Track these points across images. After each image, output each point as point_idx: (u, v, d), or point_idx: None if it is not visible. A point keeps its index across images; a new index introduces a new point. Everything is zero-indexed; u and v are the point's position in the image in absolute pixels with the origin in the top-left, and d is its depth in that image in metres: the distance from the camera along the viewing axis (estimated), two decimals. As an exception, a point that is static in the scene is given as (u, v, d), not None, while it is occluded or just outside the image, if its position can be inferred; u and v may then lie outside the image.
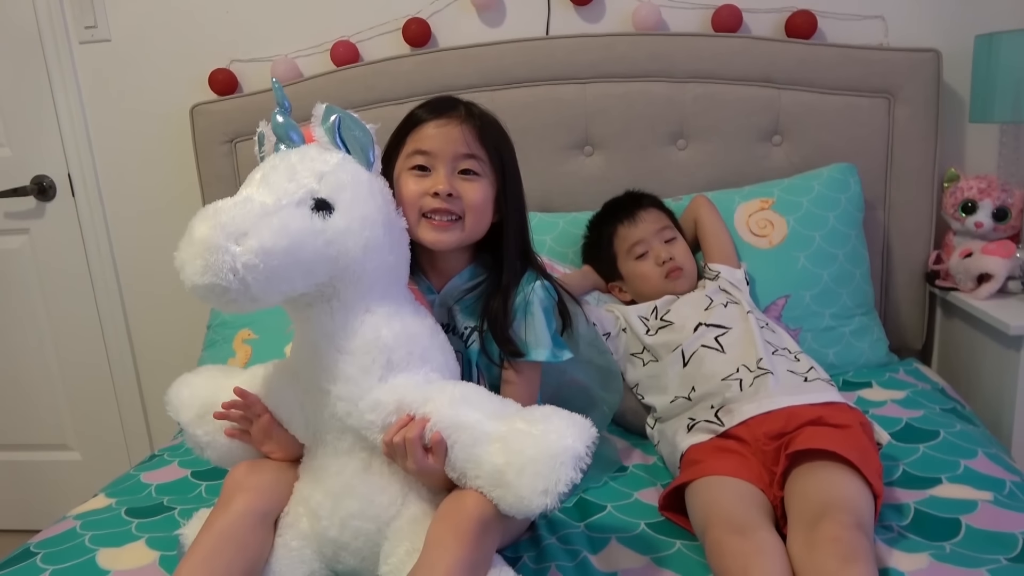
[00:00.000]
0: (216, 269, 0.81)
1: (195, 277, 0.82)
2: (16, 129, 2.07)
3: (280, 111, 0.98)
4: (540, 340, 1.12)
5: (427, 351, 0.99)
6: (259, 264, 0.82)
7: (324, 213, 0.91)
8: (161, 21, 1.95)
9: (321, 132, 0.97)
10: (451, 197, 1.08)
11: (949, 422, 1.32)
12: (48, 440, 2.27)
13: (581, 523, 1.14)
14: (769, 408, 1.18)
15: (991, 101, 1.57)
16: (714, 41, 1.74)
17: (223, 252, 0.81)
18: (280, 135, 0.98)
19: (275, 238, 0.84)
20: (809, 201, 1.63)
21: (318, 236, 0.89)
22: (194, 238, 0.83)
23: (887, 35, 1.74)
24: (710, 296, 1.41)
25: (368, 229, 0.94)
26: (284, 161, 0.94)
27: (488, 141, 1.12)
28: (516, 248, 1.15)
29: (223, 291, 0.82)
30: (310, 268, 0.89)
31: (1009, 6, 1.71)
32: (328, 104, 0.98)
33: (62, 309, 2.17)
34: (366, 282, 0.95)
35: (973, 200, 1.67)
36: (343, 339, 0.95)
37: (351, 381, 0.95)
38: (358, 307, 0.95)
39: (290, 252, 0.85)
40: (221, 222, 0.83)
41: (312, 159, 0.94)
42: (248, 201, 0.87)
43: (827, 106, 1.72)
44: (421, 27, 1.84)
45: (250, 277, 0.82)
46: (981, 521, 1.03)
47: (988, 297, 1.59)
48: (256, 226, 0.84)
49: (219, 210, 0.85)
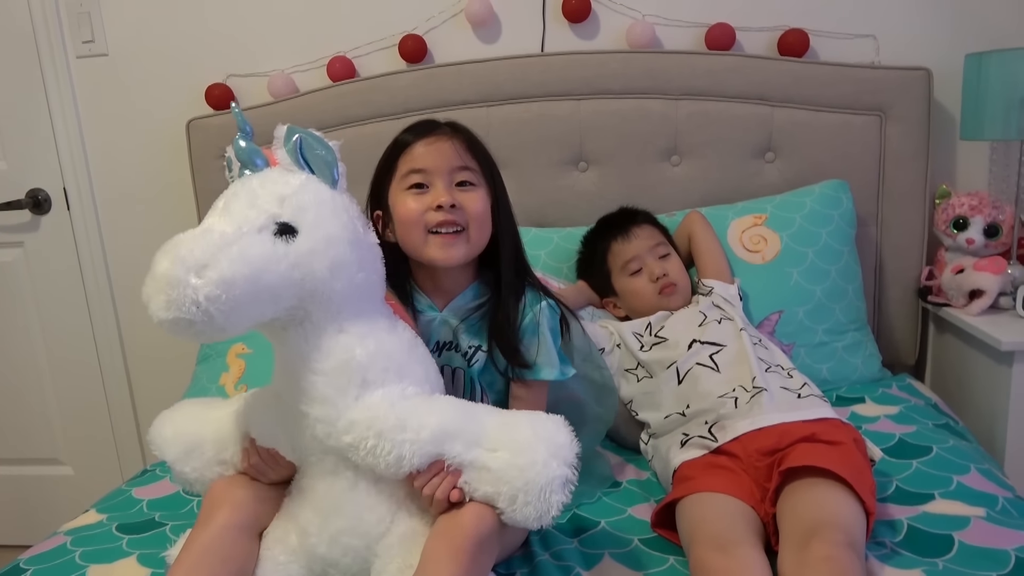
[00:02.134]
0: (179, 304, 0.80)
1: (160, 312, 0.81)
2: (12, 142, 2.07)
3: (241, 136, 0.97)
4: (550, 359, 1.14)
5: (404, 366, 0.98)
6: (221, 295, 0.81)
7: (287, 237, 0.89)
8: (158, 36, 1.97)
9: (284, 154, 0.96)
10: (454, 208, 1.09)
11: (942, 438, 1.33)
12: (40, 454, 2.26)
13: (574, 539, 1.14)
14: (762, 424, 1.18)
15: (981, 119, 1.59)
16: (708, 59, 1.75)
17: (184, 286, 0.80)
18: (243, 160, 0.96)
19: (235, 267, 0.83)
20: (802, 217, 1.64)
21: (281, 261, 0.88)
22: (156, 273, 0.82)
23: (878, 54, 1.76)
24: (704, 312, 1.41)
25: (333, 249, 0.92)
26: (245, 187, 0.92)
27: (478, 153, 1.15)
28: (511, 258, 1.16)
29: (188, 324, 0.81)
30: (276, 294, 0.88)
31: (999, 25, 1.73)
32: (289, 125, 0.97)
33: (56, 323, 2.16)
34: (336, 302, 0.94)
35: (964, 217, 1.68)
36: (317, 361, 0.94)
37: (328, 402, 0.94)
38: (330, 328, 0.94)
39: (252, 280, 0.84)
40: (180, 255, 0.82)
41: (274, 182, 0.92)
42: (208, 232, 0.86)
43: (820, 123, 1.73)
44: (417, 43, 1.86)
45: (213, 308, 0.81)
46: (974, 537, 1.03)
47: (980, 313, 1.60)
48: (215, 257, 0.82)
49: (178, 243, 0.84)
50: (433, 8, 1.86)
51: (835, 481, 1.02)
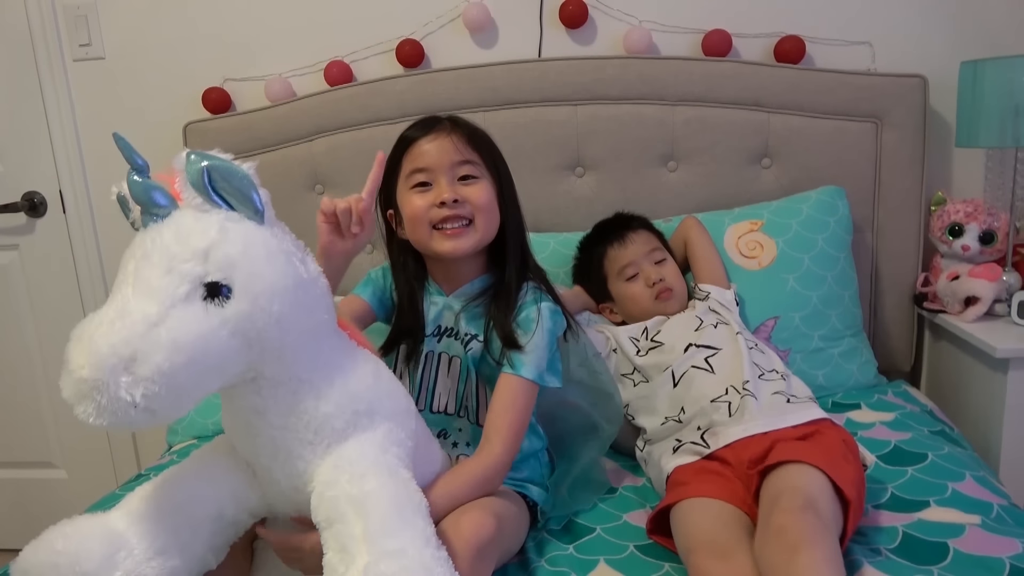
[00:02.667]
0: (111, 409, 0.70)
1: (90, 420, 0.71)
2: (8, 145, 2.06)
3: (135, 170, 0.83)
4: (533, 359, 1.13)
5: (372, 404, 0.90)
6: (159, 390, 0.71)
7: (220, 299, 0.77)
8: (155, 39, 1.96)
9: (190, 191, 0.81)
10: (457, 203, 1.12)
11: (937, 444, 1.33)
12: (34, 458, 2.25)
13: (570, 545, 1.13)
14: (754, 431, 1.18)
15: (977, 126, 1.59)
16: (704, 65, 1.76)
17: (114, 389, 0.70)
18: (143, 202, 0.81)
19: (169, 356, 0.72)
20: (798, 223, 1.64)
21: (219, 331, 0.76)
22: (74, 377, 0.71)
23: (874, 61, 1.77)
24: (700, 317, 1.42)
25: (277, 300, 0.80)
26: (156, 245, 0.78)
27: (479, 145, 1.17)
28: (516, 247, 1.19)
29: (128, 424, 0.72)
30: (220, 367, 0.77)
31: (994, 33, 1.74)
32: (189, 151, 0.82)
33: (51, 325, 2.16)
34: (288, 355, 0.83)
35: (960, 223, 1.68)
36: (277, 416, 0.85)
37: (296, 457, 0.86)
38: (287, 380, 0.85)
39: (192, 363, 0.73)
40: (101, 355, 0.70)
41: (189, 233, 0.78)
42: (125, 316, 0.73)
43: (816, 130, 1.73)
44: (414, 48, 1.86)
45: (154, 404, 0.71)
46: (969, 545, 1.03)
47: (975, 320, 1.60)
48: (143, 347, 0.71)
49: (93, 337, 0.72)
50: (430, 13, 1.86)
51: (807, 466, 1.02)
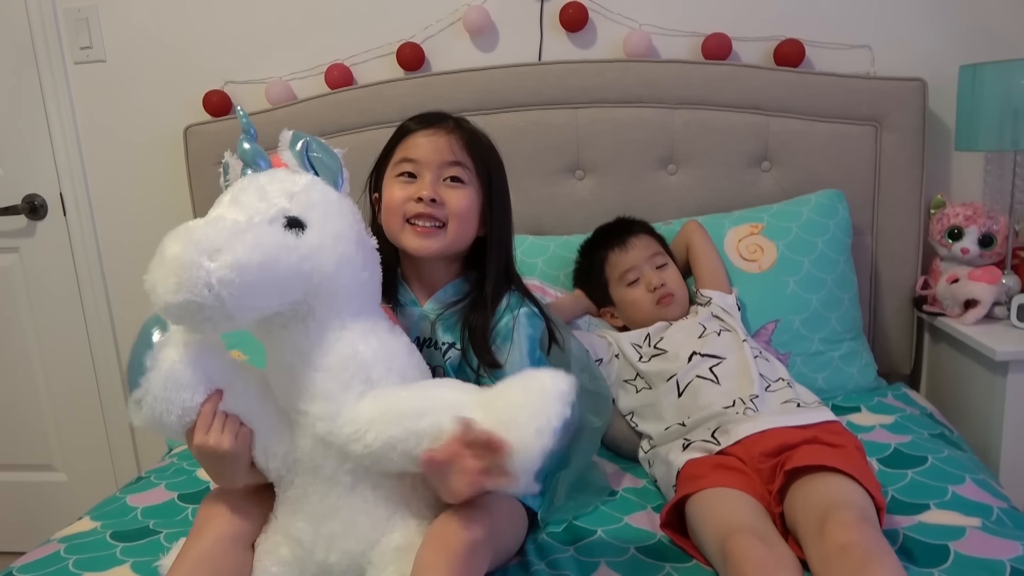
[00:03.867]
0: (191, 285, 0.79)
1: (168, 295, 0.80)
2: (9, 147, 2.07)
3: (246, 137, 0.97)
4: (515, 366, 1.11)
5: (406, 368, 0.99)
6: (235, 279, 0.81)
7: (297, 231, 0.90)
8: (156, 42, 1.97)
9: (290, 156, 0.97)
10: (435, 203, 1.10)
11: (937, 447, 1.33)
12: (34, 460, 2.25)
13: (571, 547, 1.13)
14: (765, 427, 1.18)
15: (976, 130, 1.59)
16: (704, 68, 1.76)
17: (197, 268, 0.80)
18: (247, 161, 0.97)
19: (249, 253, 0.83)
20: (798, 226, 1.65)
21: (292, 252, 0.88)
22: (166, 256, 0.81)
23: (874, 64, 1.77)
24: (703, 324, 1.41)
25: (341, 245, 0.93)
26: (253, 183, 0.93)
27: (475, 151, 1.15)
28: (499, 261, 1.16)
29: (198, 308, 0.81)
30: (285, 284, 0.88)
31: (993, 37, 1.75)
32: (295, 130, 0.98)
33: (51, 328, 2.16)
34: (341, 298, 0.94)
35: (959, 227, 1.69)
36: (319, 356, 0.93)
37: (330, 398, 0.93)
38: (333, 324, 0.94)
39: (265, 267, 0.84)
40: (194, 239, 0.81)
41: (281, 180, 0.94)
42: (220, 219, 0.87)
43: (815, 133, 1.74)
44: (415, 51, 1.86)
45: (225, 292, 0.80)
46: (970, 548, 1.03)
47: (975, 323, 1.60)
48: (230, 242, 0.82)
49: (191, 228, 0.84)
50: (431, 16, 1.87)
51: (840, 475, 1.03)
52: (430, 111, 1.20)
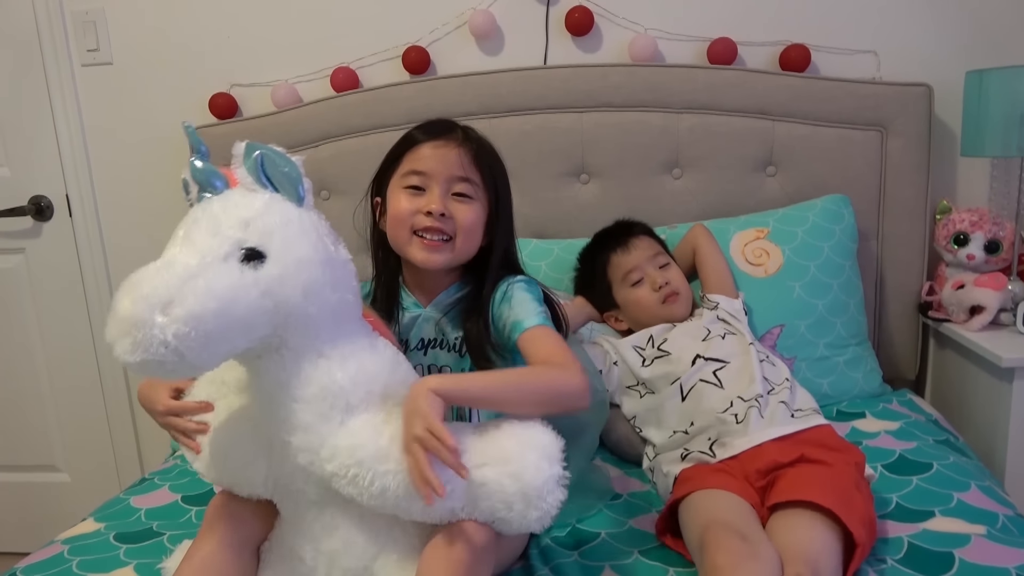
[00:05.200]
0: (146, 345, 0.76)
1: (126, 356, 0.77)
2: (15, 149, 2.07)
3: (197, 156, 0.92)
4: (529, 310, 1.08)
5: (388, 387, 0.95)
6: (190, 332, 0.77)
7: (255, 263, 0.85)
8: (163, 45, 1.97)
9: (244, 173, 0.91)
10: (444, 217, 1.10)
11: (942, 454, 1.32)
12: (38, 461, 2.25)
13: (575, 551, 1.13)
14: (760, 440, 1.18)
15: (982, 135, 1.59)
16: (709, 73, 1.76)
17: (150, 326, 0.76)
18: (201, 182, 0.91)
19: (203, 302, 0.79)
20: (804, 231, 1.64)
21: (251, 289, 0.83)
22: (118, 315, 0.78)
23: (879, 69, 1.77)
24: (707, 327, 1.41)
25: (305, 272, 0.88)
26: (206, 212, 0.88)
27: (483, 165, 1.14)
28: (500, 271, 1.16)
29: (158, 365, 0.78)
30: (248, 324, 0.84)
31: (999, 42, 1.74)
32: (248, 141, 0.92)
33: (56, 329, 2.16)
34: (312, 326, 0.90)
35: (965, 232, 1.68)
36: (297, 387, 0.90)
37: (310, 430, 0.91)
38: (309, 353, 0.91)
39: (222, 313, 0.80)
40: (143, 294, 0.78)
41: (236, 205, 0.88)
42: (170, 265, 0.82)
43: (821, 138, 1.74)
44: (420, 55, 1.87)
45: (184, 346, 0.77)
46: (974, 555, 1.02)
47: (980, 329, 1.60)
48: (181, 292, 0.78)
49: (139, 281, 0.79)
50: (437, 20, 1.87)
51: (817, 512, 1.01)
52: (437, 119, 1.19)
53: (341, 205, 1.85)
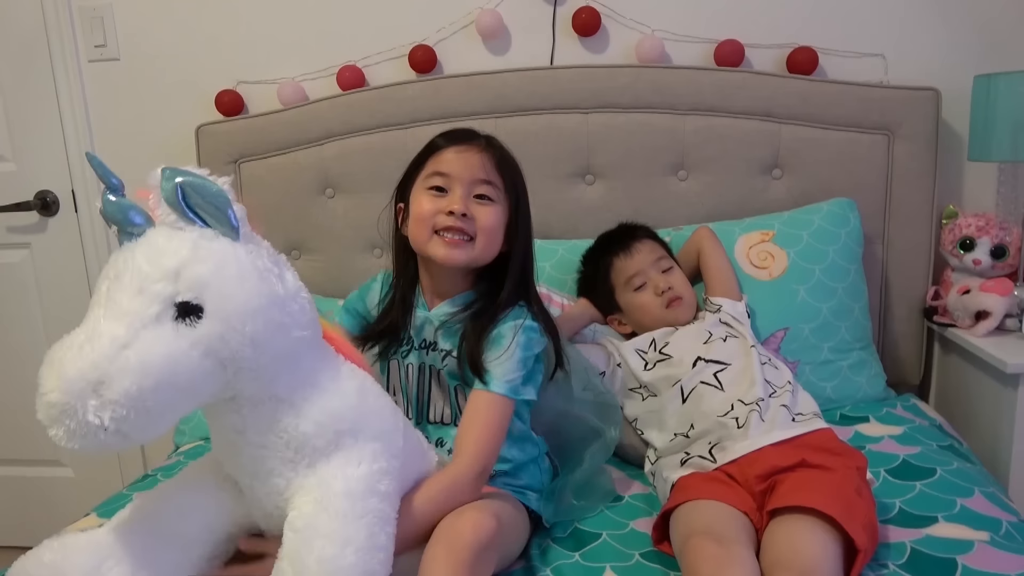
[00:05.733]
0: (81, 433, 0.70)
1: (63, 443, 0.71)
2: (22, 144, 2.08)
3: (110, 190, 0.81)
4: (502, 373, 1.10)
5: (355, 423, 0.89)
6: (128, 414, 0.71)
7: (192, 319, 0.76)
8: (170, 41, 1.98)
9: (165, 209, 0.80)
10: (465, 218, 1.12)
11: (946, 459, 1.32)
12: (41, 455, 2.25)
13: (576, 553, 1.13)
14: (760, 444, 1.18)
15: (989, 140, 1.58)
16: (716, 75, 1.76)
17: (82, 413, 0.70)
18: (117, 220, 0.81)
19: (137, 379, 0.72)
20: (809, 235, 1.64)
21: (190, 352, 0.75)
22: (45, 401, 0.72)
23: (887, 73, 1.76)
24: (709, 330, 1.41)
25: (250, 323, 0.78)
26: (128, 266, 0.78)
27: (505, 171, 1.17)
28: (516, 280, 1.18)
29: (101, 447, 0.72)
30: (192, 389, 0.77)
31: (1008, 47, 1.74)
32: (165, 167, 0.81)
33: (60, 324, 2.13)
34: (266, 374, 0.82)
35: (971, 237, 1.68)
36: (256, 435, 0.85)
37: (275, 475, 0.86)
38: (266, 399, 0.84)
39: (161, 386, 0.73)
40: (69, 378, 0.71)
41: (160, 253, 0.77)
42: (96, 338, 0.73)
43: (827, 141, 1.73)
44: (427, 54, 1.87)
45: (124, 428, 0.71)
46: (978, 562, 1.02)
47: (986, 334, 1.59)
48: (108, 372, 0.71)
49: (63, 361, 0.72)
50: (444, 19, 1.87)
51: (818, 518, 1.00)
52: (460, 127, 1.23)
53: (345, 203, 1.86)
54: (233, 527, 0.94)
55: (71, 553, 0.87)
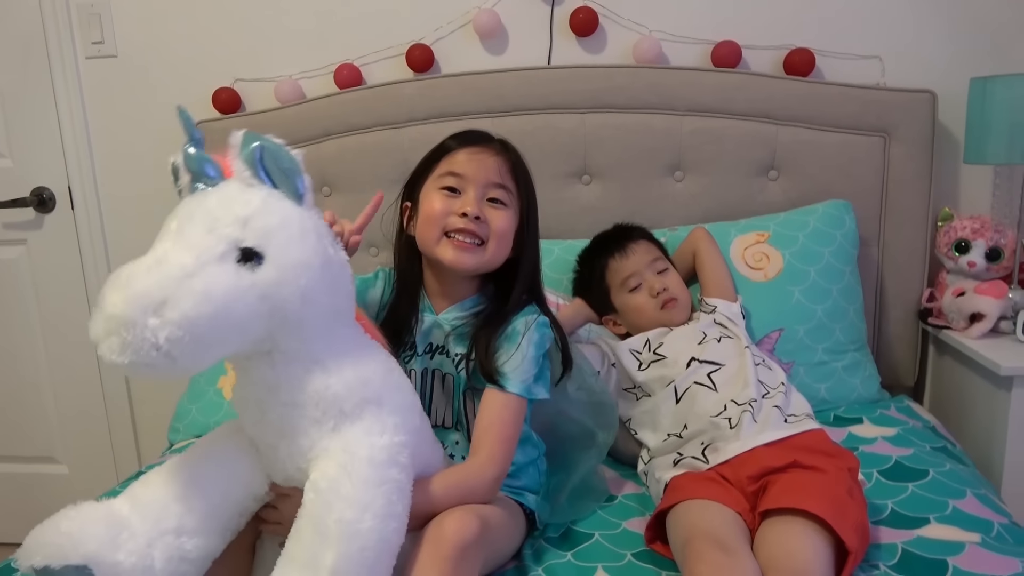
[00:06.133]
0: (135, 347, 0.73)
1: (112, 356, 0.74)
2: (18, 140, 2.08)
3: (191, 142, 0.88)
4: (518, 373, 1.10)
5: (381, 393, 0.92)
6: (183, 336, 0.74)
7: (252, 264, 0.82)
8: (167, 39, 1.98)
9: (241, 164, 0.87)
10: (478, 221, 1.11)
11: (939, 461, 1.32)
12: (36, 452, 2.26)
13: (568, 553, 1.13)
14: (752, 445, 1.18)
15: (985, 143, 1.59)
16: (713, 76, 1.76)
17: (141, 328, 0.72)
18: (194, 170, 0.88)
19: (198, 305, 0.75)
20: (805, 236, 1.64)
21: (247, 292, 0.80)
22: (107, 313, 0.74)
23: (884, 75, 1.77)
24: (704, 330, 1.41)
25: (304, 276, 0.85)
26: (201, 207, 0.84)
27: (519, 176, 1.17)
28: (526, 284, 1.17)
29: (147, 367, 0.74)
30: (243, 327, 0.81)
31: (1004, 50, 1.74)
32: (247, 131, 0.88)
33: (56, 321, 2.16)
34: (307, 331, 0.88)
35: (967, 240, 1.68)
36: (288, 392, 0.88)
37: (301, 434, 0.88)
38: (301, 357, 0.88)
39: (218, 316, 0.77)
40: (136, 293, 0.74)
41: (232, 201, 0.84)
42: (163, 264, 0.78)
43: (823, 143, 1.73)
44: (424, 53, 1.87)
45: (176, 351, 0.74)
46: (969, 563, 1.02)
47: (980, 336, 1.60)
48: (175, 294, 0.75)
49: (132, 278, 0.76)
50: (441, 18, 1.87)
51: (809, 519, 1.01)
52: (474, 130, 1.21)
53: (343, 202, 1.85)
54: (249, 500, 0.96)
55: (88, 524, 0.88)
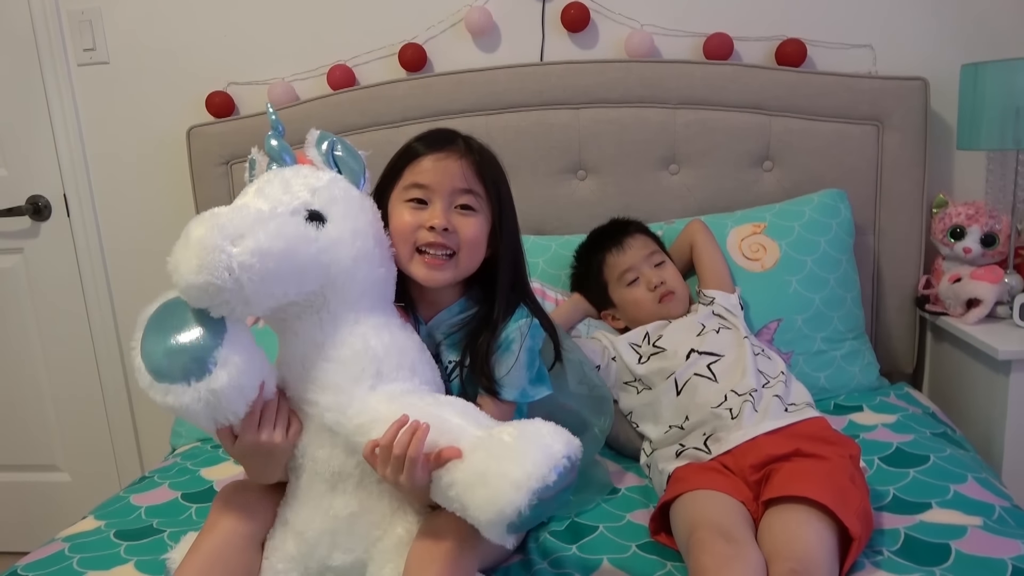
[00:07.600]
0: (212, 268, 0.82)
1: (190, 276, 0.83)
2: (12, 149, 2.08)
3: (274, 134, 1.02)
4: (513, 381, 1.10)
5: (416, 364, 1.00)
6: (255, 264, 0.84)
7: (317, 224, 0.94)
8: (159, 44, 1.97)
9: (315, 153, 1.02)
10: (447, 232, 1.07)
11: (939, 446, 1.33)
12: (38, 461, 2.26)
13: (573, 545, 1.14)
14: (754, 434, 1.19)
15: (978, 129, 1.59)
16: (706, 68, 1.76)
17: (219, 251, 0.83)
18: (274, 157, 1.02)
19: (271, 240, 0.86)
20: (801, 226, 1.65)
21: (312, 243, 0.92)
22: (191, 239, 0.84)
23: (875, 63, 1.77)
24: (702, 322, 1.42)
25: (360, 240, 0.97)
26: (278, 176, 0.98)
27: (486, 176, 1.12)
28: (509, 283, 1.14)
29: (217, 291, 0.83)
30: (303, 274, 0.91)
31: (995, 36, 1.75)
32: (322, 130, 1.03)
33: (55, 329, 2.16)
34: (355, 292, 0.97)
35: (961, 226, 1.69)
36: (332, 348, 0.96)
37: (340, 390, 0.95)
38: (347, 317, 0.97)
39: (285, 255, 0.88)
40: (219, 223, 0.85)
41: (305, 176, 0.98)
42: (245, 207, 0.91)
43: (817, 133, 1.74)
44: (417, 52, 1.87)
45: (245, 277, 0.83)
46: (971, 547, 1.03)
47: (977, 322, 1.60)
48: (253, 228, 0.86)
49: (217, 214, 0.87)
50: (433, 17, 1.87)
51: (813, 507, 1.01)
52: (438, 129, 1.17)
53: (339, 203, 1.86)
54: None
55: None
